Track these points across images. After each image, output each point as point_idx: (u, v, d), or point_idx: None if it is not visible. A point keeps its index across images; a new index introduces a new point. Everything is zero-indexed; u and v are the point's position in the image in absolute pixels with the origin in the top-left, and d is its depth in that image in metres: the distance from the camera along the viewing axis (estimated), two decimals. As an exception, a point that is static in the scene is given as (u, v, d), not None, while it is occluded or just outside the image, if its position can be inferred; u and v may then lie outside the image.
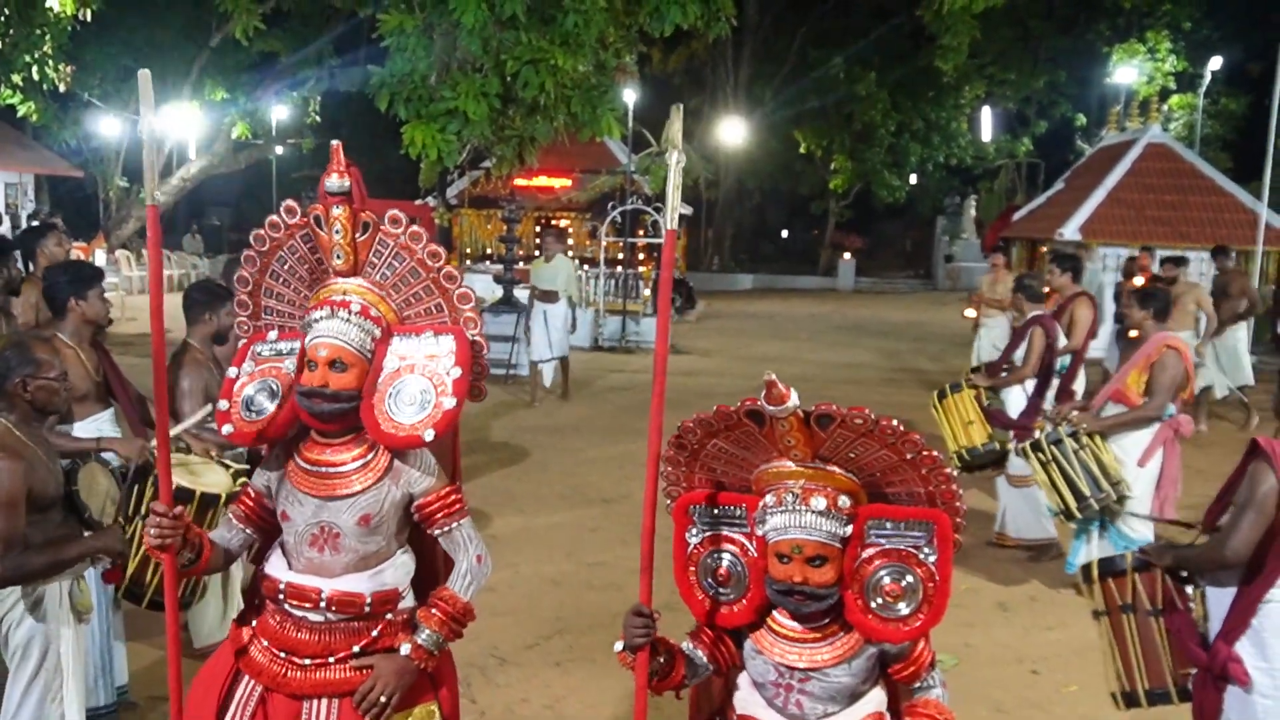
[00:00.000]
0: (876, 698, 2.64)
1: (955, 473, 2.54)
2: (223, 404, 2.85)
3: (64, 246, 6.19)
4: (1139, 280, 10.78)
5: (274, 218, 2.82)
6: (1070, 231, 18.41)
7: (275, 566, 2.85)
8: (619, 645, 2.52)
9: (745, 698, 2.69)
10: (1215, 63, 25.11)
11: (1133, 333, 6.52)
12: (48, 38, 14.06)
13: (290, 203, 2.82)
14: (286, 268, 2.88)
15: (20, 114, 17.83)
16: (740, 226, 39.99)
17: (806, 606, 2.49)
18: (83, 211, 26.24)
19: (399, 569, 2.87)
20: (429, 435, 2.68)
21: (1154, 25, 31.02)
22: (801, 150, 36.49)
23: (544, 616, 5.98)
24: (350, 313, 2.72)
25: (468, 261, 24.01)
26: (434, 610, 2.83)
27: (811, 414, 2.40)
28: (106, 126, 22.52)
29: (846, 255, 36.62)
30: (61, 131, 18.42)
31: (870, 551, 2.50)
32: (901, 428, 2.40)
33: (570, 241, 25.39)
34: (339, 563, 2.78)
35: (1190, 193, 19.24)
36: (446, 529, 2.85)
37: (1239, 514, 3.45)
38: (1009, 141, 36.38)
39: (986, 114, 36.14)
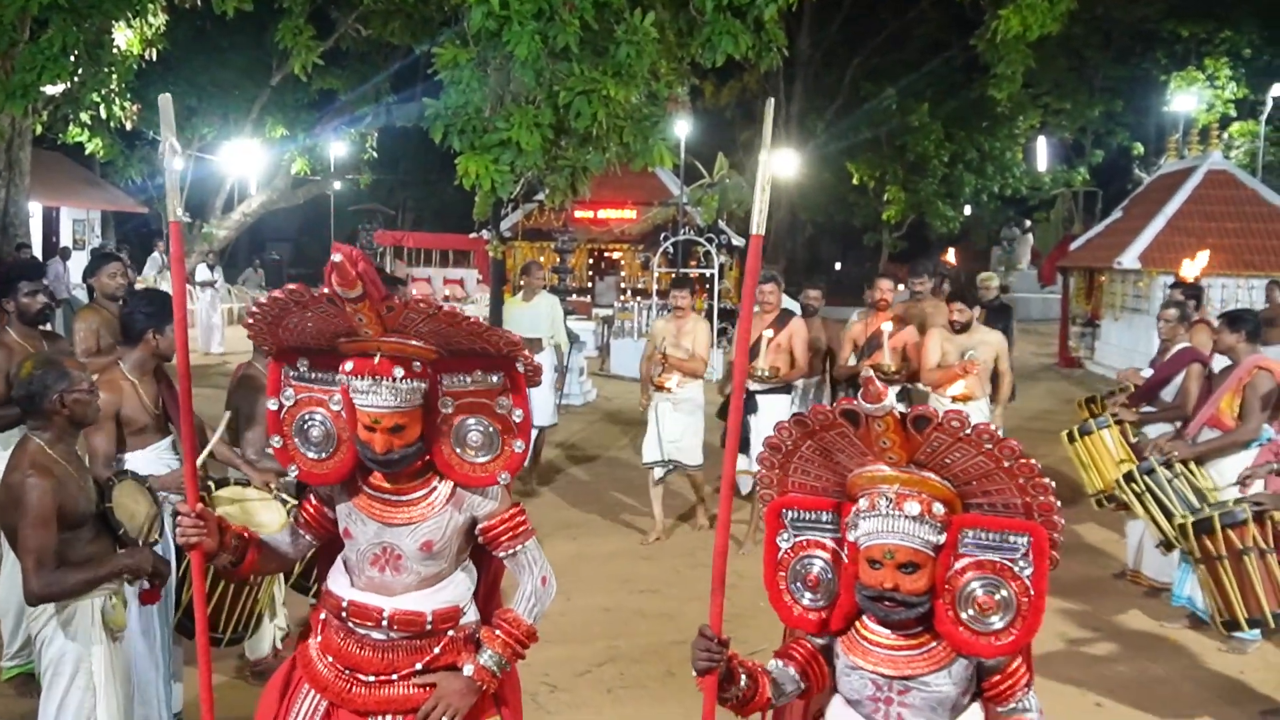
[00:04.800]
0: (976, 713, 2.57)
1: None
2: (276, 440, 2.83)
3: (116, 280, 6.10)
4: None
5: (279, 295, 2.56)
6: (1129, 260, 18.09)
7: (338, 583, 2.87)
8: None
9: (839, 717, 2.62)
10: (1277, 89, 24.77)
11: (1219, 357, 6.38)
12: (114, 76, 14.34)
13: (295, 286, 2.56)
14: (308, 323, 2.66)
15: (88, 151, 18.23)
16: (793, 259, 39.83)
17: (896, 614, 2.44)
18: (147, 246, 26.76)
19: (459, 586, 2.88)
20: (504, 478, 2.78)
21: (1213, 53, 30.52)
22: (854, 182, 36.34)
23: (596, 644, 5.94)
24: (395, 379, 2.58)
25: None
26: (498, 632, 2.85)
27: (909, 416, 2.37)
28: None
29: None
30: (127, 168, 18.71)
31: (963, 562, 2.44)
32: (1000, 433, 2.37)
33: (623, 273, 25.42)
34: (400, 583, 2.80)
35: (1253, 220, 18.80)
36: (511, 551, 2.88)
37: None
38: (1065, 171, 35.97)
39: (1042, 144, 35.86)
